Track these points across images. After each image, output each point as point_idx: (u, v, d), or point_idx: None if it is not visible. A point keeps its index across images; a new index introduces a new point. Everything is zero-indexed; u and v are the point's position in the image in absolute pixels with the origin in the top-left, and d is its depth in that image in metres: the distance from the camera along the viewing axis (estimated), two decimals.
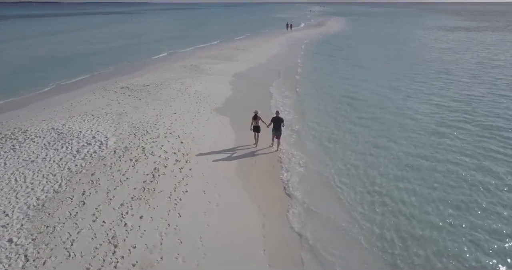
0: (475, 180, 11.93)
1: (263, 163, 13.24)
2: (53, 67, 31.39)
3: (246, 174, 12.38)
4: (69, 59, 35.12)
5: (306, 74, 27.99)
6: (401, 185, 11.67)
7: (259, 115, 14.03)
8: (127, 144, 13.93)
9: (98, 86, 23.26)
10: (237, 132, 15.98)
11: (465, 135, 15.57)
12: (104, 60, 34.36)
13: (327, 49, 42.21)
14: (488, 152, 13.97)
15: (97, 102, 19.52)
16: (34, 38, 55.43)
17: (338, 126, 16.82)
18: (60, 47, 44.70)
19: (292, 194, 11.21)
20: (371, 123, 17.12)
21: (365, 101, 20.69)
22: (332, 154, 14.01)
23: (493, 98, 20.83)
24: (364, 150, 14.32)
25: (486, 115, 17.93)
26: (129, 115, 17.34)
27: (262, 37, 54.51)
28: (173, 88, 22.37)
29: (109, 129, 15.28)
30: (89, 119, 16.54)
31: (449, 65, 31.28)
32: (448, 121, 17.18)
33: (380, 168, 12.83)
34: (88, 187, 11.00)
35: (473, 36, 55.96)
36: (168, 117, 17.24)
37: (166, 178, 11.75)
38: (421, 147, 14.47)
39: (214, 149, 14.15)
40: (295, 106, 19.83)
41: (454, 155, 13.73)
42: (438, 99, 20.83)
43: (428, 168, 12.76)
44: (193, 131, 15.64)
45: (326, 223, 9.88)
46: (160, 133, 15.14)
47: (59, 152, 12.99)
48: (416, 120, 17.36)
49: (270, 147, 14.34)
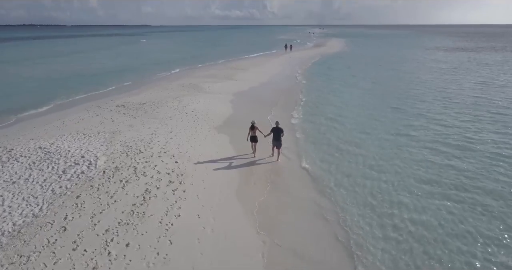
0: (476, 204, 11.03)
1: (263, 181, 12.34)
2: (51, 87, 30.84)
3: (245, 195, 11.45)
4: (67, 80, 34.67)
5: (306, 95, 27.30)
6: (394, 198, 10.73)
7: (256, 125, 14.32)
8: (118, 164, 13.04)
9: (93, 105, 22.61)
10: (235, 150, 15.20)
11: (473, 156, 14.67)
12: (102, 80, 33.85)
13: (327, 69, 41.93)
14: (493, 174, 13.07)
15: (90, 121, 18.77)
16: (37, 59, 55.43)
17: (338, 146, 16.01)
18: (60, 68, 44.54)
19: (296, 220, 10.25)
20: (369, 142, 16.36)
21: (368, 120, 19.97)
22: (336, 175, 13.13)
23: (498, 120, 19.93)
24: (367, 167, 13.47)
25: (493, 141, 17.00)
26: (122, 134, 16.54)
27: (262, 58, 54.56)
28: (170, 107, 21.69)
29: (100, 148, 14.43)
30: (80, 138, 15.73)
31: (450, 85, 30.68)
32: (452, 143, 16.35)
33: (384, 189, 11.92)
34: (72, 210, 10.04)
35: (473, 56, 55.99)
36: (164, 136, 16.44)
37: (158, 200, 10.81)
38: (425, 169, 13.60)
39: (210, 168, 13.27)
40: (295, 125, 19.10)
41: (458, 176, 12.88)
42: (441, 119, 19.93)
43: (435, 192, 11.85)
44: (189, 151, 14.79)
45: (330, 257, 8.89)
46: (154, 153, 14.28)
47: (43, 172, 12.09)
48: (416, 141, 16.52)
49: (270, 157, 14.52)
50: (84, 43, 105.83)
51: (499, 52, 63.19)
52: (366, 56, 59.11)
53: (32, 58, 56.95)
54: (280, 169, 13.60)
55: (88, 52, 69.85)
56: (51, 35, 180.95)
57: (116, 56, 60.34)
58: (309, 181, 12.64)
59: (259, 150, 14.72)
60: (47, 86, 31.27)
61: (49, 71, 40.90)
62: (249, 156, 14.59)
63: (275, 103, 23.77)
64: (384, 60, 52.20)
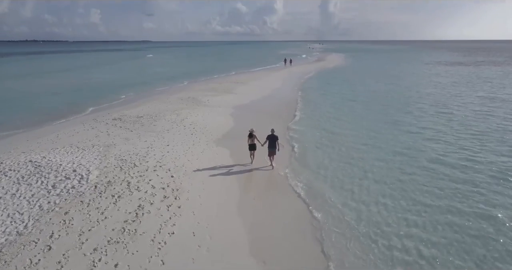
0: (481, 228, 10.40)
1: (263, 196, 11.76)
2: (47, 102, 30.57)
3: (244, 211, 10.85)
4: (64, 95, 34.39)
5: (306, 108, 26.89)
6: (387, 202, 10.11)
7: (254, 133, 14.53)
8: (110, 178, 12.48)
9: (89, 118, 22.18)
10: (233, 163, 14.70)
11: (474, 173, 13.96)
12: (100, 94, 33.63)
13: (326, 83, 41.74)
14: (495, 195, 12.46)
15: (85, 134, 18.28)
16: (42, 73, 55.54)
17: (334, 159, 15.49)
18: (58, 82, 44.45)
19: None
20: (367, 156, 15.82)
21: (370, 134, 19.47)
22: (332, 190, 12.55)
23: (503, 135, 19.28)
24: (364, 180, 12.90)
25: (495, 154, 16.42)
26: (117, 147, 16.03)
27: (262, 72, 54.54)
28: (167, 120, 21.25)
29: (93, 162, 13.88)
30: (73, 151, 15.20)
31: (451, 99, 30.19)
32: (453, 160, 15.76)
33: (386, 209, 11.33)
34: (59, 228, 9.43)
35: (473, 70, 56.02)
36: (160, 149, 15.92)
37: (151, 217, 10.20)
38: (427, 186, 13.01)
39: (207, 183, 12.71)
40: (295, 138, 18.63)
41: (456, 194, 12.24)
42: (444, 135, 19.22)
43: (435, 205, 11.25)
44: (186, 164, 14.24)
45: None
46: (149, 167, 13.73)
47: (32, 187, 11.52)
48: (415, 157, 15.85)
49: (268, 166, 14.46)
50: (91, 58, 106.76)
51: (499, 66, 63.33)
52: (366, 70, 59.18)
53: (36, 73, 57.00)
54: (278, 182, 13.06)
55: (96, 67, 70.29)
56: (54, 50, 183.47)
57: (126, 71, 60.59)
58: (307, 196, 12.06)
59: (256, 157, 14.87)
60: (46, 101, 30.98)
61: (52, 86, 40.76)
62: (248, 166, 14.52)
63: (275, 116, 23.32)
64: (383, 74, 52.13)
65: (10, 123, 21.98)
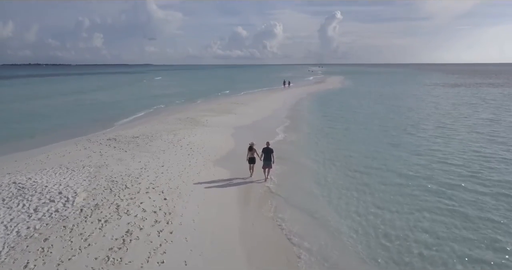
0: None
1: (263, 219, 10.84)
2: (44, 123, 30.02)
3: (243, 237, 9.91)
4: (61, 117, 33.86)
5: (307, 129, 26.23)
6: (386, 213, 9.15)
7: (254, 147, 14.69)
8: (99, 201, 11.59)
9: (83, 138, 21.46)
10: (230, 184, 13.87)
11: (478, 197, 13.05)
12: (97, 116, 33.13)
13: (327, 105, 41.20)
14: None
15: (77, 154, 17.51)
16: (51, 96, 55.39)
17: (333, 180, 14.66)
18: (59, 104, 44.14)
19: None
20: (365, 178, 14.98)
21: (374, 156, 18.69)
22: (328, 211, 11.65)
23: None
24: (360, 201, 12.00)
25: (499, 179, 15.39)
26: (109, 168, 15.21)
27: (261, 93, 54.31)
28: (164, 140, 20.52)
29: (82, 183, 13.03)
30: (62, 172, 14.37)
31: (454, 121, 29.26)
32: (457, 183, 14.86)
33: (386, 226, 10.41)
34: (35, 256, 8.48)
35: (474, 92, 55.68)
36: (154, 170, 15.09)
37: (140, 243, 9.26)
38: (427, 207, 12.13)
39: (202, 206, 11.81)
40: (292, 153, 17.85)
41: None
42: (446, 158, 17.94)
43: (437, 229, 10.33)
44: (180, 186, 13.38)
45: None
46: (141, 189, 12.87)
47: (12, 211, 10.62)
48: (416, 181, 14.86)
49: (264, 181, 14.36)
50: (102, 81, 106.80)
51: (498, 88, 63.16)
52: (366, 92, 58.85)
53: (51, 94, 56.89)
54: (278, 203, 12.16)
55: (108, 89, 70.23)
56: (58, 73, 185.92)
57: (141, 91, 60.63)
58: (307, 220, 11.15)
59: (256, 171, 14.92)
60: (47, 122, 30.45)
61: (60, 106, 40.39)
62: (248, 180, 14.55)
63: (275, 137, 22.57)
64: (383, 96, 51.65)
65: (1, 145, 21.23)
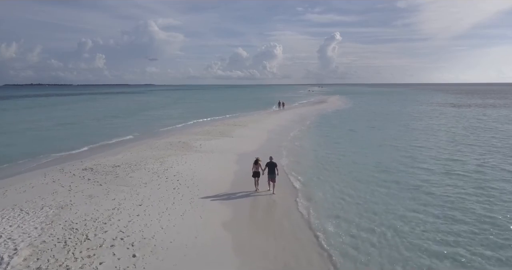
0: None
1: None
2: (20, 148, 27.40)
3: None
4: (43, 141, 31.22)
5: (308, 151, 23.70)
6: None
7: (260, 162, 15.15)
8: (43, 262, 8.78)
9: (55, 168, 18.72)
10: (223, 227, 11.07)
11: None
12: (81, 139, 30.51)
13: (329, 126, 38.70)
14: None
15: (40, 189, 14.75)
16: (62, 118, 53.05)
17: (336, 196, 11.95)
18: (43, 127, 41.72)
19: None
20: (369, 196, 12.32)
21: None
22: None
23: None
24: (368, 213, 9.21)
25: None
26: (74, 209, 12.43)
27: (260, 114, 51.74)
28: (148, 170, 17.80)
29: (31, 234, 10.25)
30: (12, 216, 11.60)
31: (463, 141, 27.02)
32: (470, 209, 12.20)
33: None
34: None
35: (482, 112, 53.45)
36: (128, 211, 12.33)
37: None
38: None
39: (182, 264, 9.01)
40: (293, 167, 15.13)
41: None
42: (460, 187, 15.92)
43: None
44: (157, 235, 10.59)
45: None
46: (105, 240, 10.08)
47: None
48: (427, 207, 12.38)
49: (267, 191, 15.12)
50: (113, 102, 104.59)
51: (507, 108, 60.88)
52: (368, 112, 56.40)
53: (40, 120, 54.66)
54: (285, 229, 9.36)
55: (84, 108, 67.99)
56: (60, 93, 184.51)
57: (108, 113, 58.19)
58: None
59: (261, 184, 15.31)
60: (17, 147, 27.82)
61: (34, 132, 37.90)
62: (252, 195, 14.76)
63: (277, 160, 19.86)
64: (388, 116, 49.24)
65: None
